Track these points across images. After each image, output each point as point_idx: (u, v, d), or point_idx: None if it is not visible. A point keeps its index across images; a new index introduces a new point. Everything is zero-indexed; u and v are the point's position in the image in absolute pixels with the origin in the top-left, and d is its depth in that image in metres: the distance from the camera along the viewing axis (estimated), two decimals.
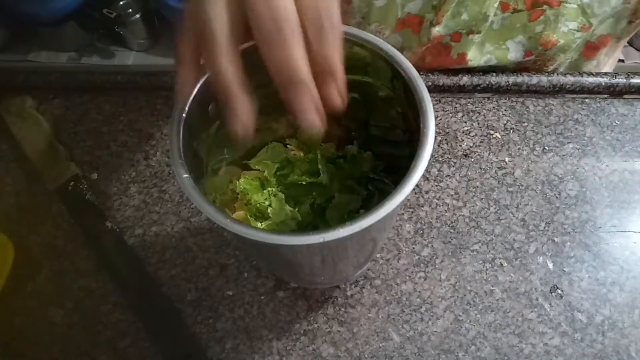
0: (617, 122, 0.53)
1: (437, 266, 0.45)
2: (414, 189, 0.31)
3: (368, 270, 0.45)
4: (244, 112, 0.26)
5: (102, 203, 0.49)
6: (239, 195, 0.41)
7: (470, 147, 0.51)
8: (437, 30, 0.52)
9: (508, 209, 0.47)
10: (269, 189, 0.41)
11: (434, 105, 0.31)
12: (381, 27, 0.55)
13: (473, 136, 0.52)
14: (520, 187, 0.49)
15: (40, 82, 0.57)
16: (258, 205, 0.40)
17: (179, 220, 0.48)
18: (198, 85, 0.33)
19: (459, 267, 0.45)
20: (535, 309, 0.43)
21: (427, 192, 0.49)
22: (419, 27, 0.53)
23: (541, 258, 0.45)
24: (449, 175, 0.50)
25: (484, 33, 0.52)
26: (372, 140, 0.43)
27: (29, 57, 1.26)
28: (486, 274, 0.44)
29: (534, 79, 0.54)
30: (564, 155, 0.51)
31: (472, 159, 0.50)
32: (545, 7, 0.50)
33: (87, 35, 1.24)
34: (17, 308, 0.44)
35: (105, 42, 1.26)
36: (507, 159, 0.50)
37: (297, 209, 0.41)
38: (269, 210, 0.40)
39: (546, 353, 0.41)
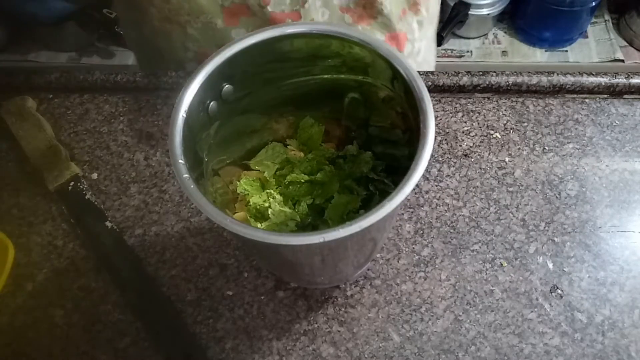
0: (617, 122, 0.53)
1: (437, 266, 0.45)
2: (414, 189, 0.31)
3: (368, 270, 0.45)
4: None
5: (102, 203, 0.49)
6: (239, 196, 0.41)
7: (470, 147, 0.51)
8: (270, 11, 0.50)
9: (508, 209, 0.47)
10: (268, 190, 0.42)
11: (434, 105, 0.31)
12: (210, 17, 0.53)
13: (473, 136, 0.52)
14: (520, 187, 0.49)
15: (40, 82, 0.57)
16: (258, 206, 0.40)
17: (179, 220, 0.48)
18: (198, 85, 0.33)
19: (459, 267, 0.45)
20: (535, 309, 0.43)
21: (427, 192, 0.49)
22: (248, 12, 0.52)
23: (541, 258, 0.45)
24: (449, 175, 0.50)
25: None
26: (372, 140, 0.43)
27: (29, 57, 1.26)
28: (486, 274, 0.44)
29: (534, 79, 0.54)
30: (564, 155, 0.51)
31: (472, 159, 0.50)
32: None
33: (87, 35, 1.24)
34: (17, 308, 0.44)
35: (105, 42, 1.26)
36: (507, 159, 0.50)
37: (296, 209, 0.41)
38: (269, 212, 0.40)
39: (546, 353, 0.41)
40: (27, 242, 0.47)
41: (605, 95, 0.55)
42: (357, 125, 0.43)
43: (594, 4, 1.16)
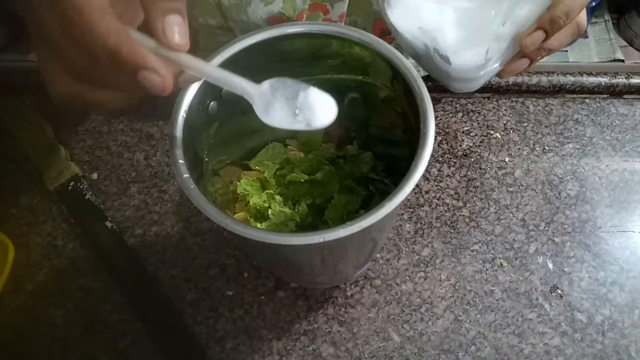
0: (617, 122, 0.53)
1: (437, 266, 0.45)
2: (414, 189, 0.31)
3: (368, 270, 0.45)
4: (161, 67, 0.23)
5: (102, 203, 0.49)
6: (239, 196, 0.41)
7: (470, 147, 0.51)
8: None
9: (508, 209, 0.47)
10: (268, 190, 0.42)
11: (434, 105, 0.31)
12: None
13: (473, 136, 0.52)
14: (520, 187, 0.49)
15: (40, 82, 0.57)
16: (258, 206, 0.40)
17: (179, 220, 0.48)
18: (198, 85, 0.33)
19: (459, 267, 0.45)
20: (535, 309, 0.43)
21: (427, 192, 0.49)
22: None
23: (541, 258, 0.45)
24: (449, 175, 0.50)
25: None
26: (372, 140, 0.43)
27: (29, 57, 1.26)
28: (486, 274, 0.44)
29: (534, 79, 0.54)
30: (564, 155, 0.51)
31: (472, 159, 0.50)
32: None
33: None
34: (17, 308, 0.44)
35: None
36: (507, 159, 0.50)
37: (296, 210, 0.41)
38: (269, 212, 0.40)
39: (546, 353, 0.41)
40: (27, 242, 0.47)
41: (605, 95, 0.55)
42: (357, 125, 0.43)
43: (594, 4, 1.16)
